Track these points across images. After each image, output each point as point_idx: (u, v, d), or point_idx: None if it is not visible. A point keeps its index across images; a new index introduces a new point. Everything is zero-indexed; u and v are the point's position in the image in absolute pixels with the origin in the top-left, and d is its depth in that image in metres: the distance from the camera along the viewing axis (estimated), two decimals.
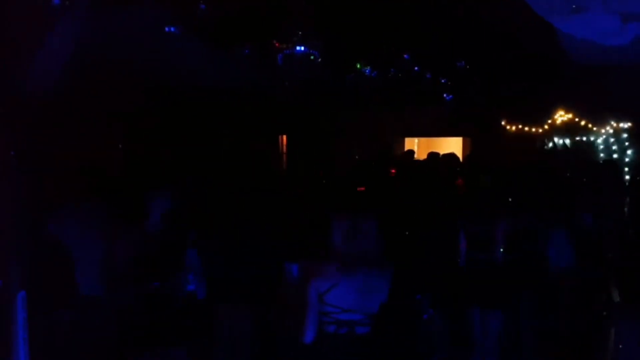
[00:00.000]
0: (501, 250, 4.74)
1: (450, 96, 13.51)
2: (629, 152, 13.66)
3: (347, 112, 13.25)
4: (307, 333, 3.14)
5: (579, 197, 5.98)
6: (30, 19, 3.83)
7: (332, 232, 3.23)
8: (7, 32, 3.25)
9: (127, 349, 3.89)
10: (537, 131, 15.18)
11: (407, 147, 15.35)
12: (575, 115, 14.60)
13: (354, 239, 3.15)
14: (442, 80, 12.11)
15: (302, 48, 7.86)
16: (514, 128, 15.05)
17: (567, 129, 14.72)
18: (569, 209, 5.60)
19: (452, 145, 15.89)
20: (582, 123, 14.59)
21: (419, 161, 10.73)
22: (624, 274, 4.55)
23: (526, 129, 15.29)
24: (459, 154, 13.27)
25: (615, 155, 13.78)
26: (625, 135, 13.87)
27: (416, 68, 10.60)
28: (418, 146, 15.58)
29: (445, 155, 10.03)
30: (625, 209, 6.50)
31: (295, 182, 7.79)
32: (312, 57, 7.88)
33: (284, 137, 13.03)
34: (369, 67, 9.84)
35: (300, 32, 7.88)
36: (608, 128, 14.23)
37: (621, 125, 13.99)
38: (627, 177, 12.95)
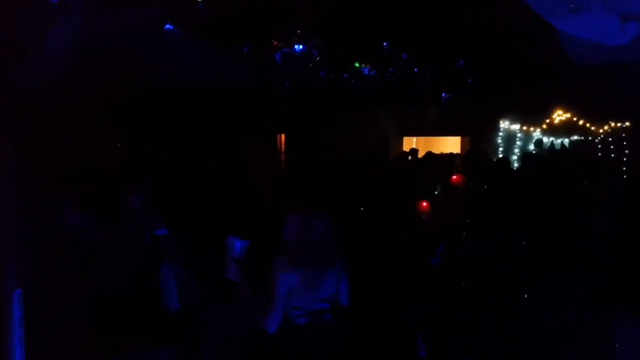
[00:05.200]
0: None
1: (449, 95, 13.50)
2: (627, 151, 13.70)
3: (345, 111, 13.25)
4: (273, 324, 3.23)
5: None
6: (27, 18, 3.82)
7: (285, 228, 3.34)
8: (4, 31, 3.24)
9: (111, 349, 3.86)
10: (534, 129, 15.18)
11: (405, 146, 15.37)
12: (573, 115, 14.63)
13: (305, 235, 3.27)
14: (441, 80, 12.08)
15: (301, 47, 7.85)
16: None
17: (565, 128, 14.75)
18: None
19: (451, 145, 15.92)
20: (581, 122, 14.61)
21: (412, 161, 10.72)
22: (623, 273, 4.54)
23: (524, 128, 15.31)
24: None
25: (612, 155, 13.82)
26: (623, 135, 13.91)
27: (415, 67, 10.58)
28: (416, 145, 15.60)
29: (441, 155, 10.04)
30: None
31: (293, 181, 7.78)
32: (311, 56, 7.87)
33: (282, 136, 13.03)
34: (367, 66, 9.81)
35: (299, 31, 7.86)
36: (607, 128, 14.26)
37: (620, 124, 14.02)
38: (625, 176, 12.97)
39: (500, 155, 13.66)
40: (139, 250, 4.21)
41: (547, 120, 15.00)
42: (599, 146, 14.24)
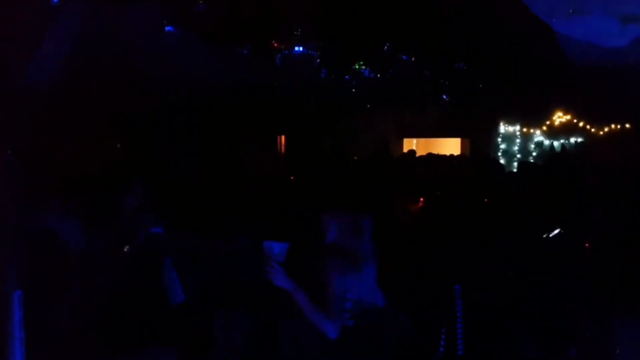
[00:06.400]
0: None
1: (449, 97, 13.52)
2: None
3: (345, 113, 13.26)
4: (336, 328, 3.15)
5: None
6: (27, 18, 3.82)
7: (331, 230, 3.29)
8: (4, 31, 3.24)
9: (110, 348, 3.85)
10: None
11: (405, 147, 15.37)
12: (573, 117, 14.62)
13: (354, 237, 3.24)
14: (441, 81, 12.11)
15: (301, 48, 7.84)
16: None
17: (565, 130, 14.75)
18: None
19: (451, 146, 15.91)
20: (581, 124, 14.61)
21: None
22: (623, 272, 4.54)
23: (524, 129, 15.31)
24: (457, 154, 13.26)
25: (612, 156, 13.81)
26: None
27: (415, 69, 10.59)
28: (416, 147, 15.60)
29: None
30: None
31: (293, 181, 7.78)
32: (310, 58, 7.87)
33: (283, 137, 13.04)
34: (367, 68, 9.82)
35: (299, 33, 7.86)
36: (606, 129, 14.26)
37: (619, 126, 14.02)
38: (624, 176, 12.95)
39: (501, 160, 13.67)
40: (133, 249, 4.21)
41: (547, 122, 15.00)
42: (599, 147, 14.24)
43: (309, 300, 3.16)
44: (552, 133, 14.90)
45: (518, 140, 15.34)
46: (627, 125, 13.97)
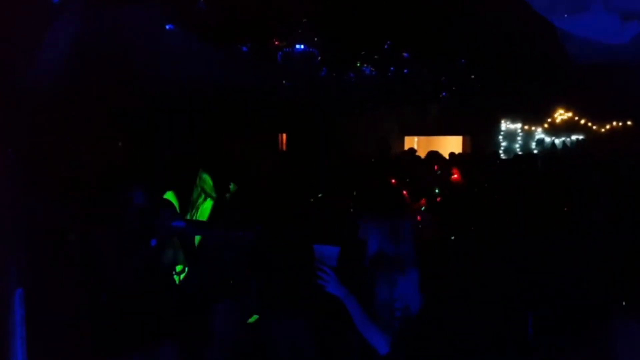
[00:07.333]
0: None
1: (449, 94, 13.50)
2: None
3: (346, 111, 13.25)
4: (386, 343, 3.03)
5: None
6: (28, 17, 3.83)
7: (371, 236, 3.18)
8: (4, 31, 3.24)
9: (114, 345, 3.85)
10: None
11: (407, 145, 15.37)
12: (574, 114, 14.62)
13: (395, 242, 3.13)
14: (442, 79, 12.08)
15: (302, 46, 7.83)
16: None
17: (566, 128, 14.74)
18: None
19: (452, 144, 15.92)
20: (582, 122, 14.60)
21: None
22: (623, 273, 4.55)
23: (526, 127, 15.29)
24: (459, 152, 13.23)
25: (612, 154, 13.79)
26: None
27: (416, 66, 10.57)
28: (418, 145, 15.60)
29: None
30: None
31: (294, 180, 7.77)
32: (311, 56, 7.87)
33: (284, 135, 13.05)
34: (369, 66, 9.81)
35: (300, 30, 7.85)
36: (608, 127, 14.25)
37: (621, 124, 14.01)
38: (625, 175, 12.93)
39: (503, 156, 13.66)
40: (151, 247, 4.22)
41: (549, 120, 15.00)
42: (601, 145, 14.24)
43: (362, 309, 3.04)
44: (554, 131, 14.90)
45: (519, 138, 15.34)
46: (629, 123, 13.97)
